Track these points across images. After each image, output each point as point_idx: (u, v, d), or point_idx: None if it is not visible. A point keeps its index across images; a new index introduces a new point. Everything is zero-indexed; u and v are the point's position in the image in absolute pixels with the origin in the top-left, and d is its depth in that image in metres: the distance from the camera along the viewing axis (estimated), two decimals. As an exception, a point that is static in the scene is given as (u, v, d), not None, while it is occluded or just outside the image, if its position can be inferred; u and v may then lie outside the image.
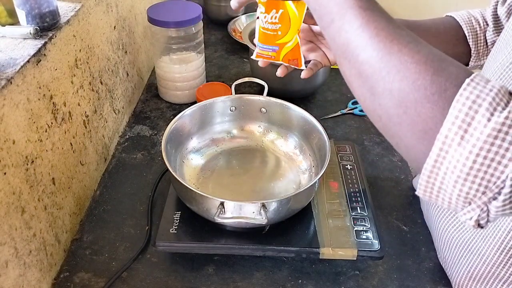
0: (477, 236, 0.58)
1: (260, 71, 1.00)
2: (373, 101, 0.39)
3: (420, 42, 0.38)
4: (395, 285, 0.65)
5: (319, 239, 0.65)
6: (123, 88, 0.93)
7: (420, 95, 0.35)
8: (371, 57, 0.38)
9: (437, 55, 0.37)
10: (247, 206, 0.61)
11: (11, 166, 0.53)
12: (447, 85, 0.35)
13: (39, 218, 0.60)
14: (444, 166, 0.35)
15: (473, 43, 0.69)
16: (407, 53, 0.37)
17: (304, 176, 0.76)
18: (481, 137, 0.32)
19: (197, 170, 0.77)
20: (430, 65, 0.36)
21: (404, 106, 0.36)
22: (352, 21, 0.40)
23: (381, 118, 0.39)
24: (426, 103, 0.35)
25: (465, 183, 0.34)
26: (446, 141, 0.34)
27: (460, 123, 0.33)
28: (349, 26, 0.40)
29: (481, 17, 0.69)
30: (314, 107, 1.02)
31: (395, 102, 0.37)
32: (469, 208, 0.36)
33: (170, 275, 0.65)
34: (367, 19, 0.39)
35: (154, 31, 0.94)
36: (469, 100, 0.33)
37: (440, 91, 0.35)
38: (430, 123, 0.35)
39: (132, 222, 0.73)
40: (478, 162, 0.33)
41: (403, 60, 0.37)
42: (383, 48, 0.38)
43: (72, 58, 0.68)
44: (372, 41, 0.39)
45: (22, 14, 0.61)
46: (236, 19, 1.35)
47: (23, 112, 0.55)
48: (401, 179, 0.84)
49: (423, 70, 0.36)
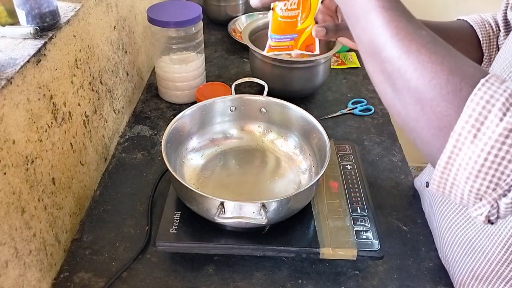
0: (481, 235, 0.58)
1: (260, 71, 1.00)
2: (393, 97, 0.41)
3: (438, 42, 0.40)
4: (395, 285, 0.65)
5: (319, 239, 0.65)
6: (123, 88, 0.93)
7: (436, 93, 0.37)
8: (391, 56, 0.40)
9: (454, 55, 0.39)
10: (247, 206, 0.61)
11: (11, 166, 0.53)
12: (462, 84, 0.36)
13: (39, 218, 0.60)
14: (457, 162, 0.36)
15: (486, 48, 0.68)
16: (425, 53, 0.39)
17: (304, 176, 0.76)
18: (493, 136, 0.34)
19: (197, 170, 0.77)
20: (446, 65, 0.37)
21: (421, 103, 0.38)
22: (374, 21, 0.42)
23: (400, 113, 0.41)
24: (441, 101, 0.37)
25: (476, 179, 0.36)
26: (459, 138, 0.35)
27: (474, 122, 0.34)
28: (372, 25, 0.42)
29: (493, 21, 0.68)
30: (314, 107, 1.02)
31: (413, 99, 0.39)
32: (480, 204, 0.37)
33: (170, 275, 0.65)
34: (388, 19, 0.41)
35: (154, 31, 0.94)
36: (483, 100, 0.34)
37: (455, 91, 0.36)
38: (445, 120, 0.36)
39: (132, 222, 0.73)
40: (489, 160, 0.34)
41: (420, 60, 0.38)
42: (402, 47, 0.40)
43: (72, 58, 0.68)
44: (392, 40, 0.40)
45: (22, 14, 0.61)
46: (236, 19, 1.35)
47: (23, 112, 0.55)
48: (401, 179, 0.84)
49: (439, 70, 0.37)
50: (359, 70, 1.16)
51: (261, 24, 1.08)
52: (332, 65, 1.15)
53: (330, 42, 1.01)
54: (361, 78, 1.13)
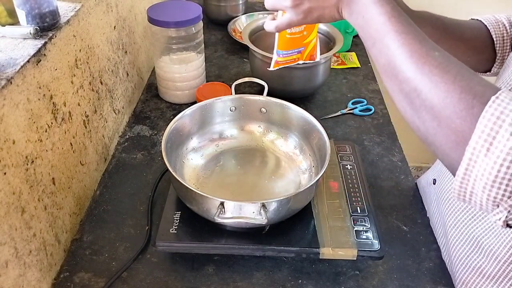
0: (489, 233, 0.58)
1: (260, 71, 1.00)
2: (412, 114, 0.45)
3: (451, 62, 0.43)
4: (395, 285, 0.65)
5: (319, 239, 0.65)
6: (123, 88, 0.93)
7: (450, 111, 0.40)
8: (407, 77, 0.44)
9: (466, 74, 0.42)
10: (247, 206, 0.61)
11: (11, 166, 0.53)
12: (474, 102, 0.39)
13: (39, 218, 0.60)
14: (473, 173, 0.39)
15: (499, 49, 0.68)
16: (437, 74, 0.42)
17: (304, 176, 0.76)
18: (504, 150, 0.37)
19: (197, 170, 0.77)
20: (458, 85, 0.41)
21: (437, 120, 0.42)
22: (389, 45, 0.46)
23: (419, 129, 0.45)
24: (455, 118, 0.40)
25: (492, 188, 0.39)
26: (474, 152, 0.39)
27: (486, 137, 0.38)
28: (388, 49, 0.46)
29: (507, 22, 0.68)
30: (314, 107, 1.02)
31: (430, 116, 0.42)
32: (498, 210, 0.40)
33: (170, 275, 0.65)
34: (402, 42, 0.45)
35: (154, 31, 0.94)
36: (493, 116, 0.38)
37: (468, 108, 0.39)
38: (460, 136, 0.40)
39: (132, 222, 0.73)
40: (502, 171, 0.37)
41: (434, 80, 0.42)
42: (415, 69, 0.43)
43: (72, 58, 0.68)
44: (407, 62, 0.44)
45: (22, 14, 0.61)
46: (236, 19, 1.35)
47: (23, 112, 0.55)
48: (401, 179, 0.84)
49: (451, 89, 0.41)
50: (359, 70, 1.16)
51: (261, 24, 1.08)
52: (332, 65, 1.15)
53: (330, 42, 1.01)
54: (361, 78, 1.13)
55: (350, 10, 0.51)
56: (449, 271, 0.67)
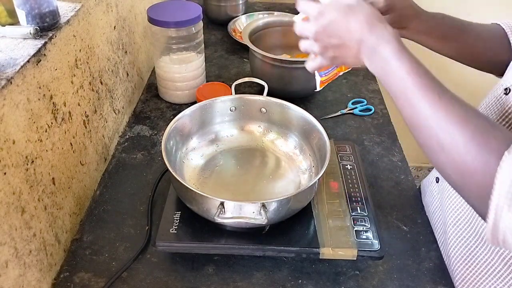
0: None
1: (260, 71, 1.00)
2: (437, 165, 0.48)
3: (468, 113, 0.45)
4: (395, 285, 0.65)
5: (319, 239, 0.65)
6: (123, 88, 0.93)
7: (469, 167, 0.43)
8: (430, 134, 0.47)
9: (482, 127, 0.44)
10: (247, 206, 0.61)
11: (11, 166, 0.53)
12: (490, 159, 0.42)
13: (39, 218, 0.60)
14: (501, 225, 0.41)
15: None
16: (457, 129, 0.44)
17: (304, 176, 0.76)
18: None
19: (197, 170, 0.77)
20: (476, 142, 0.43)
21: (460, 174, 0.45)
22: (410, 100, 0.48)
23: (447, 178, 0.48)
24: (474, 174, 0.43)
25: None
26: (497, 208, 0.41)
27: (506, 194, 0.40)
28: (409, 105, 0.49)
29: None
30: (314, 107, 1.02)
31: (453, 171, 0.46)
32: None
33: (170, 275, 0.65)
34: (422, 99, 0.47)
35: (154, 31, 0.94)
36: (508, 172, 0.40)
37: (485, 166, 0.42)
38: (483, 191, 0.42)
39: (132, 222, 0.73)
40: None
41: (453, 135, 0.44)
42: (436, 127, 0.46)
43: (72, 58, 0.68)
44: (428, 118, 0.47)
45: (22, 14, 0.61)
46: (236, 19, 1.35)
47: (23, 112, 0.55)
48: (401, 179, 0.84)
49: (469, 146, 0.43)
50: (359, 70, 1.16)
51: (261, 24, 1.08)
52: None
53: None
54: (361, 78, 1.13)
55: (370, 62, 0.54)
56: (448, 268, 0.67)
